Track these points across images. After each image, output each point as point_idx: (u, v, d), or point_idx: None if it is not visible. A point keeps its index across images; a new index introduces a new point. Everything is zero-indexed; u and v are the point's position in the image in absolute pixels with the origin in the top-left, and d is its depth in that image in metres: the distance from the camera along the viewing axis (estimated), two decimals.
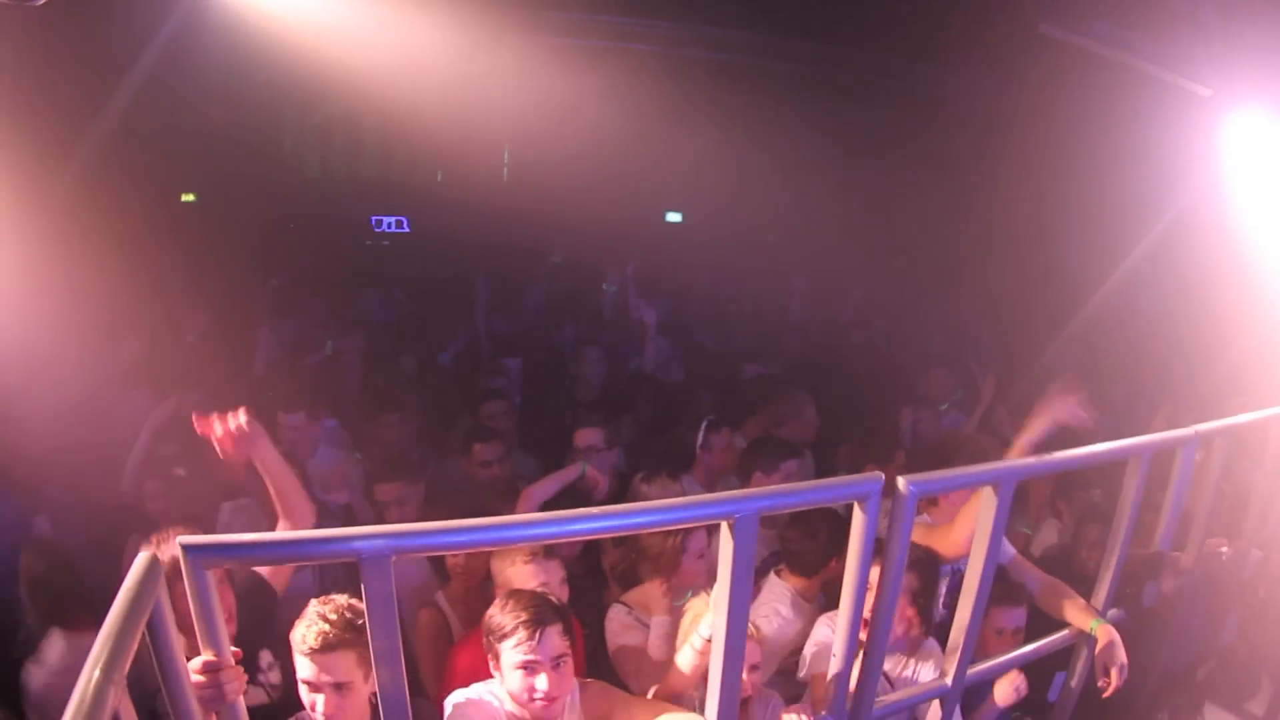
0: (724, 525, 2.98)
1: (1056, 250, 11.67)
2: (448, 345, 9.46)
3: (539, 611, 3.51)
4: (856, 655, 3.44)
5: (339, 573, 4.70)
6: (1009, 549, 4.80)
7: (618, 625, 4.64)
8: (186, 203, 13.80)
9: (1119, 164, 8.63)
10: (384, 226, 15.33)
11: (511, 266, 11.88)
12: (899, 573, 3.43)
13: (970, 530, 3.97)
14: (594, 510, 2.98)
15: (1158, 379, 8.94)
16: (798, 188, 13.84)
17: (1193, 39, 6.16)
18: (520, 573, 4.14)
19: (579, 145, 13.20)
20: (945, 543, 4.51)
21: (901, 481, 3.31)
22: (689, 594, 4.28)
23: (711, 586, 3.24)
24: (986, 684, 4.38)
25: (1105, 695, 4.25)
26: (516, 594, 3.64)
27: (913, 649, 4.43)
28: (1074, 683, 4.63)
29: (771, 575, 4.96)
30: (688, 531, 4.52)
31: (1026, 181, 10.89)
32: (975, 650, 3.96)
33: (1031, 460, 3.94)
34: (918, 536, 4.13)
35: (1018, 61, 7.79)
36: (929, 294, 12.76)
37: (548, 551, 4.19)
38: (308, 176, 14.84)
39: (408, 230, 15.40)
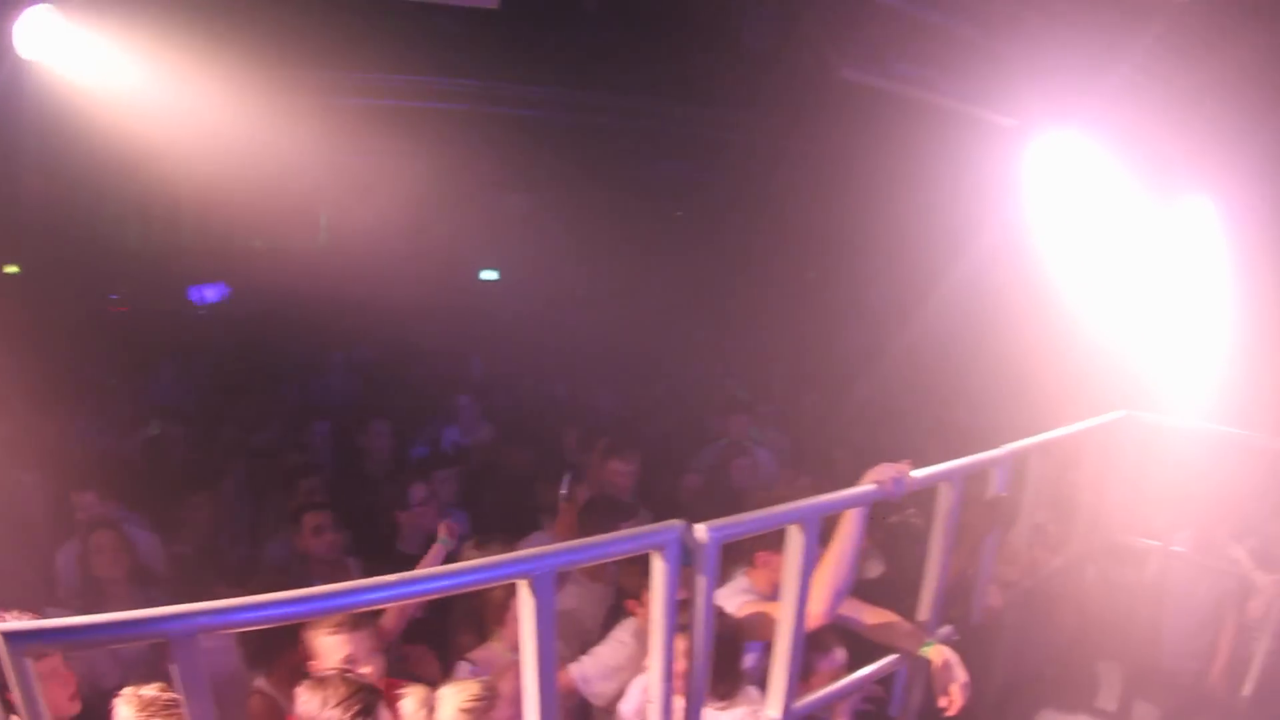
0: (522, 585, 2.97)
1: (874, 285, 11.95)
2: (265, 420, 9.28)
3: (362, 701, 3.48)
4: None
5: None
6: None
7: None
8: (9, 274, 13.50)
9: (932, 197, 8.86)
10: (203, 296, 15.08)
11: (328, 332, 11.82)
12: (707, 624, 3.42)
13: (821, 589, 3.98)
14: (391, 578, 2.88)
15: (973, 403, 9.23)
16: (609, 242, 14.02)
17: (994, 73, 6.39)
18: (326, 644, 4.08)
19: (394, 206, 13.19)
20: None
21: (700, 529, 3.30)
22: None
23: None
24: None
25: (949, 714, 4.30)
26: (329, 681, 3.58)
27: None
28: (912, 703, 4.69)
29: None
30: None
31: (840, 221, 11.17)
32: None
33: (833, 496, 3.96)
34: (753, 611, 4.24)
35: (824, 106, 7.99)
36: (741, 336, 12.96)
37: (355, 622, 4.14)
38: (128, 246, 14.52)
39: (226, 299, 15.15)
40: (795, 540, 3.61)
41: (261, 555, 6.60)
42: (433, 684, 4.11)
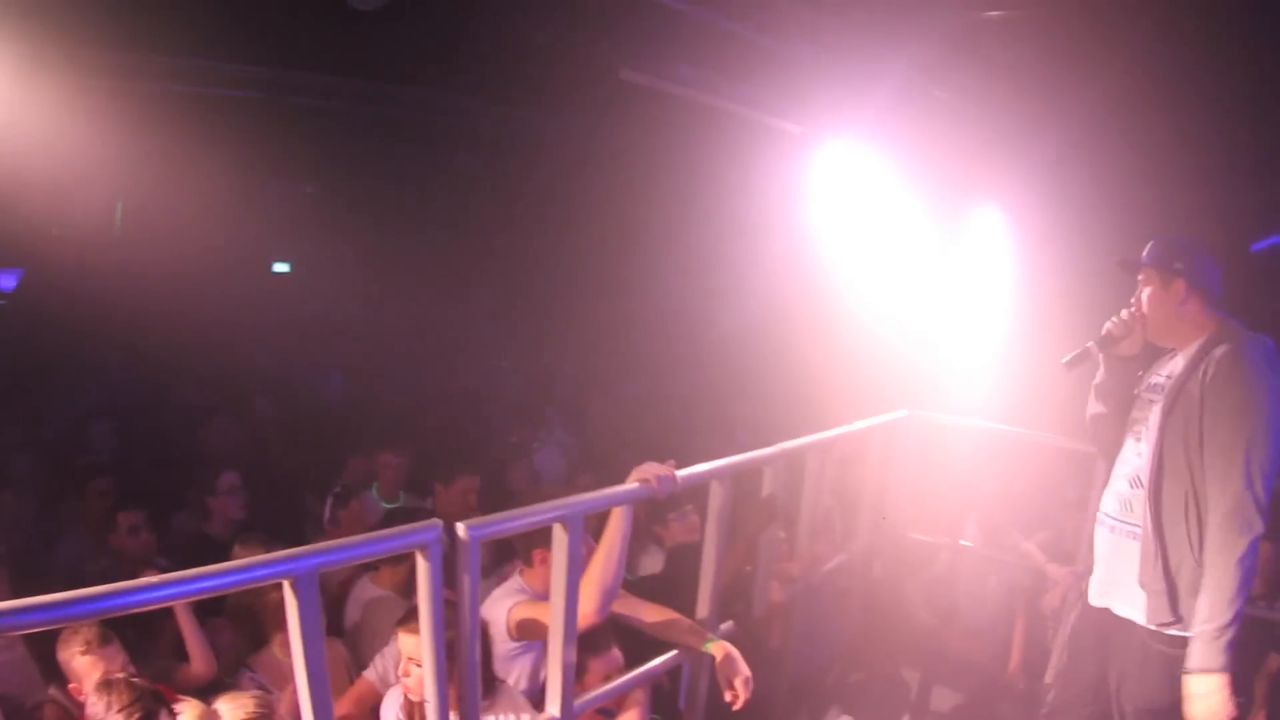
0: (285, 584, 2.90)
1: (655, 283, 12.11)
2: (48, 417, 8.94)
3: (144, 707, 3.45)
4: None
5: None
6: None
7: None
8: None
9: (721, 199, 9.02)
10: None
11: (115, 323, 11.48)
12: (473, 623, 3.41)
13: (590, 588, 3.97)
14: (151, 580, 2.75)
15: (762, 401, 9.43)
16: (399, 237, 14.01)
17: (779, 79, 6.51)
18: (82, 664, 4.02)
19: (191, 196, 12.87)
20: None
21: (461, 528, 3.28)
22: None
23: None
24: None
25: (736, 708, 4.36)
26: (115, 685, 3.53)
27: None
28: (697, 699, 4.74)
29: None
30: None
31: (630, 221, 11.30)
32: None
33: (597, 494, 3.98)
34: (525, 613, 4.18)
35: (610, 106, 8.04)
36: (530, 334, 13.05)
37: (103, 639, 4.04)
38: None
39: (16, 288, 14.61)
40: (560, 538, 3.62)
41: (52, 556, 6.33)
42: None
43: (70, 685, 4.09)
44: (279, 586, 2.94)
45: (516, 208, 13.34)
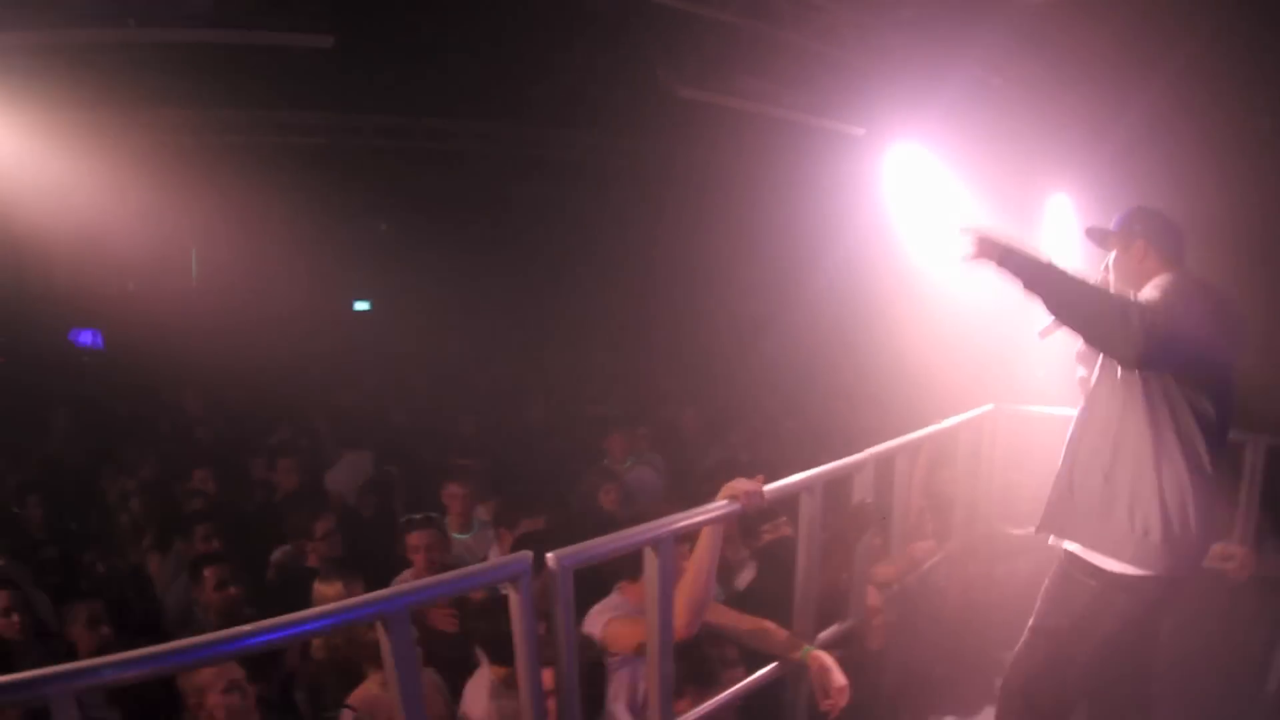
0: (379, 625, 2.94)
1: (733, 294, 12.04)
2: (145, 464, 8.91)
3: None
4: None
5: None
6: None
7: None
8: None
9: (791, 207, 8.99)
10: (83, 341, 14.89)
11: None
12: (569, 653, 3.38)
13: (680, 602, 3.98)
14: (248, 628, 2.78)
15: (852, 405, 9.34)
16: (474, 267, 14.11)
17: (840, 85, 6.50)
18: (204, 676, 4.07)
19: (263, 243, 13.09)
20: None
21: (551, 558, 3.28)
22: None
23: None
24: None
25: (833, 717, 4.35)
26: None
27: None
28: (797, 710, 4.72)
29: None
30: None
31: (697, 235, 11.28)
32: None
33: (687, 515, 3.98)
34: (619, 629, 4.22)
35: (671, 124, 8.06)
36: (613, 356, 13.04)
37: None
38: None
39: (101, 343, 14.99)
40: (651, 562, 3.62)
41: (163, 606, 6.45)
42: None
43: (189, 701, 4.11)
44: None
45: (585, 232, 13.42)
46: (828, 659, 4.39)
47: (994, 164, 6.73)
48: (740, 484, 4.09)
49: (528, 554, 3.26)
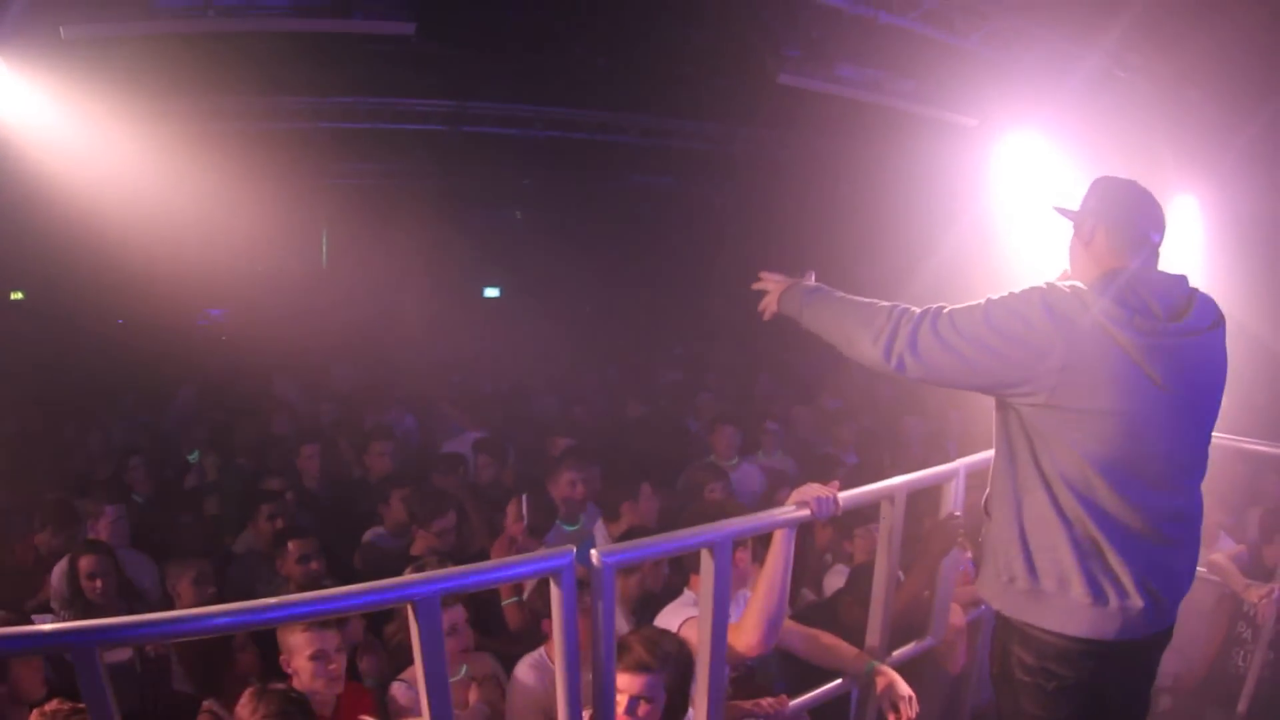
0: (409, 608, 2.90)
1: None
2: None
3: (288, 714, 3.60)
4: None
5: None
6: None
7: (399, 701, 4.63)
8: (15, 300, 13.65)
9: (902, 197, 8.77)
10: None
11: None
12: (608, 654, 3.27)
13: (752, 618, 3.92)
14: (272, 601, 2.84)
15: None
16: (601, 257, 14.08)
17: (950, 73, 6.28)
18: (297, 640, 4.19)
19: (394, 227, 13.23)
20: (737, 638, 4.07)
21: (594, 554, 3.16)
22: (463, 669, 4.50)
23: None
24: None
25: None
26: (266, 694, 3.70)
27: None
28: None
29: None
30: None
31: (811, 225, 11.07)
32: None
33: (752, 518, 3.83)
34: (695, 629, 3.95)
35: (783, 112, 7.92)
36: (726, 348, 12.88)
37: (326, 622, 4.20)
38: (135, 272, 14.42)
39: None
40: (707, 565, 3.45)
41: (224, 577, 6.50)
42: None
43: (281, 657, 4.26)
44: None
45: (701, 226, 13.33)
46: (896, 677, 4.19)
47: (1115, 161, 6.42)
48: (811, 489, 3.88)
49: (571, 548, 3.12)
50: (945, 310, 3.41)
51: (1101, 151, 6.74)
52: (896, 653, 4.54)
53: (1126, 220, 3.49)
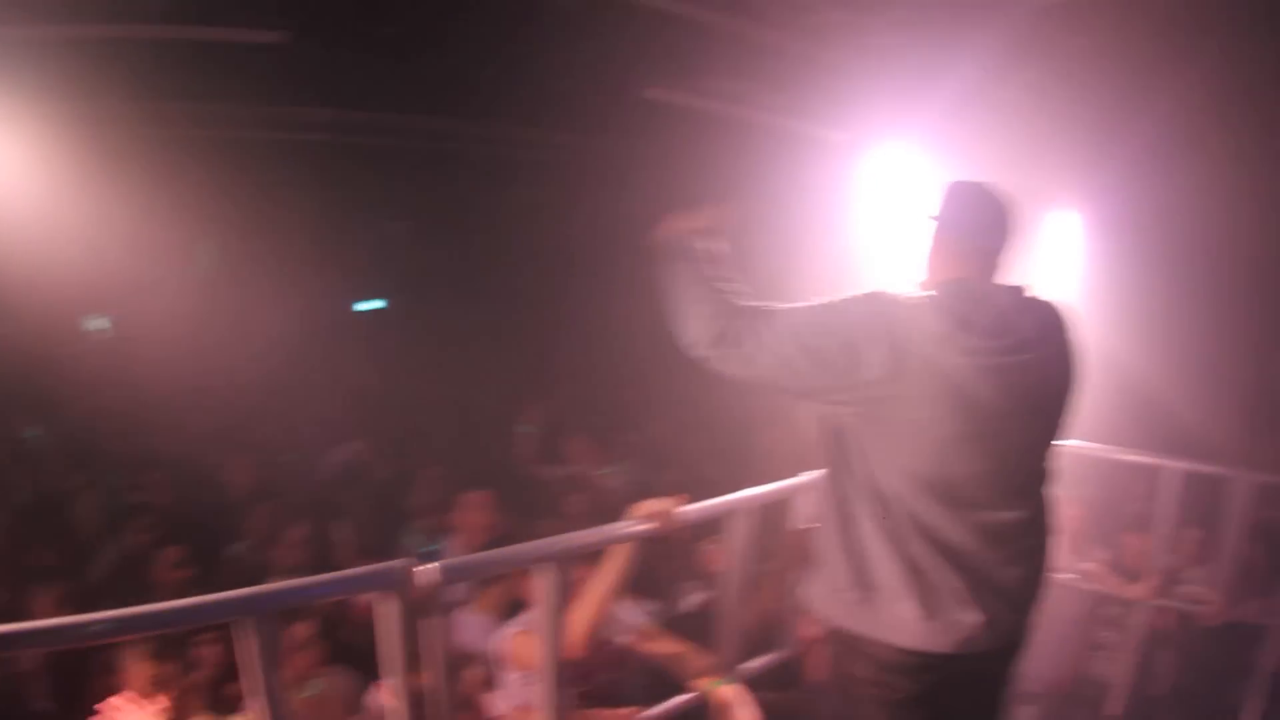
0: (247, 624, 3.01)
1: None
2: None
3: None
4: None
5: None
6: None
7: None
8: None
9: (765, 212, 9.04)
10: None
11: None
12: (444, 676, 3.45)
13: (575, 623, 4.08)
14: (94, 617, 2.88)
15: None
16: (473, 269, 14.29)
17: (819, 87, 6.57)
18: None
19: (273, 241, 13.32)
20: None
21: (423, 571, 3.30)
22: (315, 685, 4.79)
23: None
24: None
25: None
26: None
27: None
28: None
29: None
30: None
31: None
32: None
33: (591, 533, 4.05)
34: (521, 643, 4.31)
35: (647, 124, 8.15)
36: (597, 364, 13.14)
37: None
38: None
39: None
40: (541, 580, 3.63)
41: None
42: None
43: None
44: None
45: (562, 236, 13.53)
46: (734, 694, 4.45)
47: (996, 174, 6.77)
48: (654, 503, 4.11)
49: (411, 560, 3.30)
50: (777, 308, 3.47)
51: (982, 165, 7.04)
52: (748, 664, 4.79)
53: (960, 227, 3.56)
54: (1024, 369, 3.39)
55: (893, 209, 6.67)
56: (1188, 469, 6.29)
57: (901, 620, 3.42)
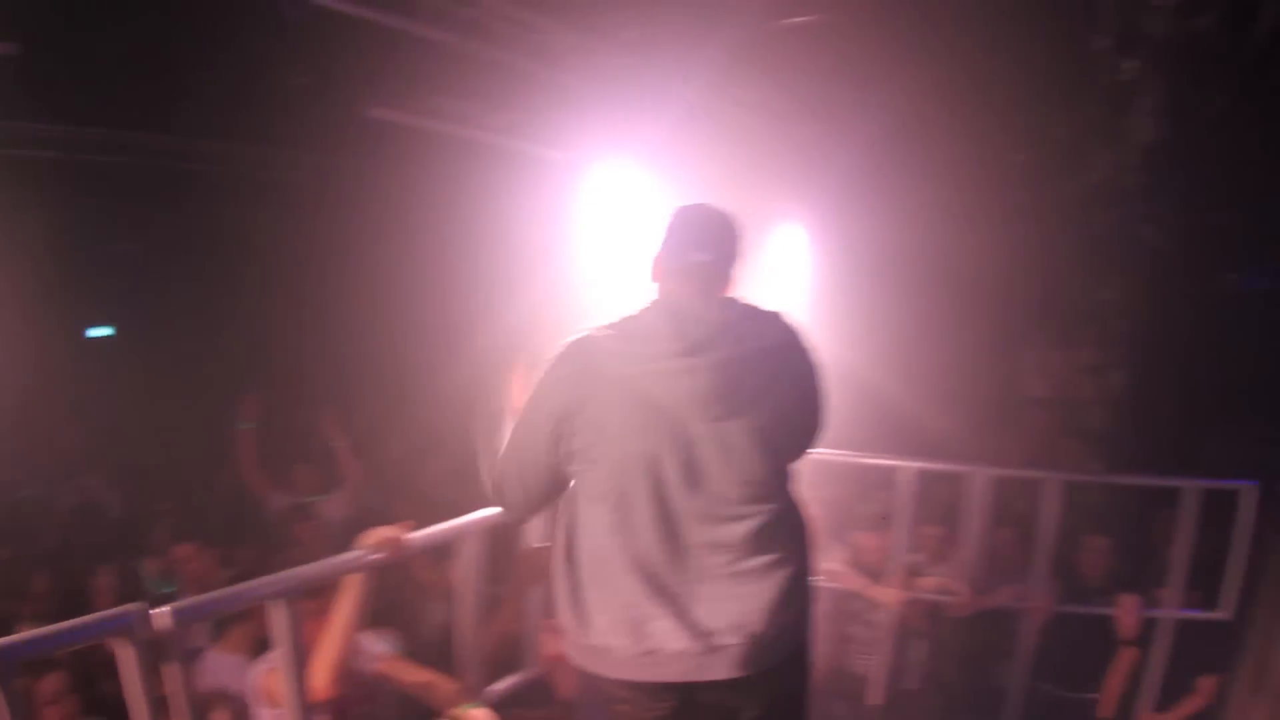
0: None
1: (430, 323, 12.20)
2: None
3: None
4: None
5: None
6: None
7: None
8: None
9: (484, 231, 9.15)
10: None
11: None
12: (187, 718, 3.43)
13: (319, 661, 4.13)
14: None
15: None
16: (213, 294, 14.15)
17: (543, 106, 6.75)
18: None
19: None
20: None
21: (159, 614, 3.28)
22: None
23: None
24: None
25: None
26: None
27: None
28: None
29: None
30: None
31: (395, 263, 11.50)
32: None
33: (322, 564, 4.09)
34: (273, 679, 4.19)
35: (361, 144, 8.21)
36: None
37: None
38: None
39: None
40: (277, 615, 3.68)
41: None
42: None
43: None
44: None
45: (302, 258, 13.42)
46: (486, 715, 4.55)
47: (715, 192, 7.08)
48: (381, 532, 4.20)
49: (144, 604, 3.28)
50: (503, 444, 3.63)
51: (707, 183, 7.31)
52: (495, 687, 4.93)
53: (670, 245, 3.62)
54: (732, 378, 3.38)
55: (615, 228, 6.84)
56: (922, 467, 6.69)
57: (610, 653, 3.45)
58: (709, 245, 3.59)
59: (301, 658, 3.86)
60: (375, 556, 4.16)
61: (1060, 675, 6.98)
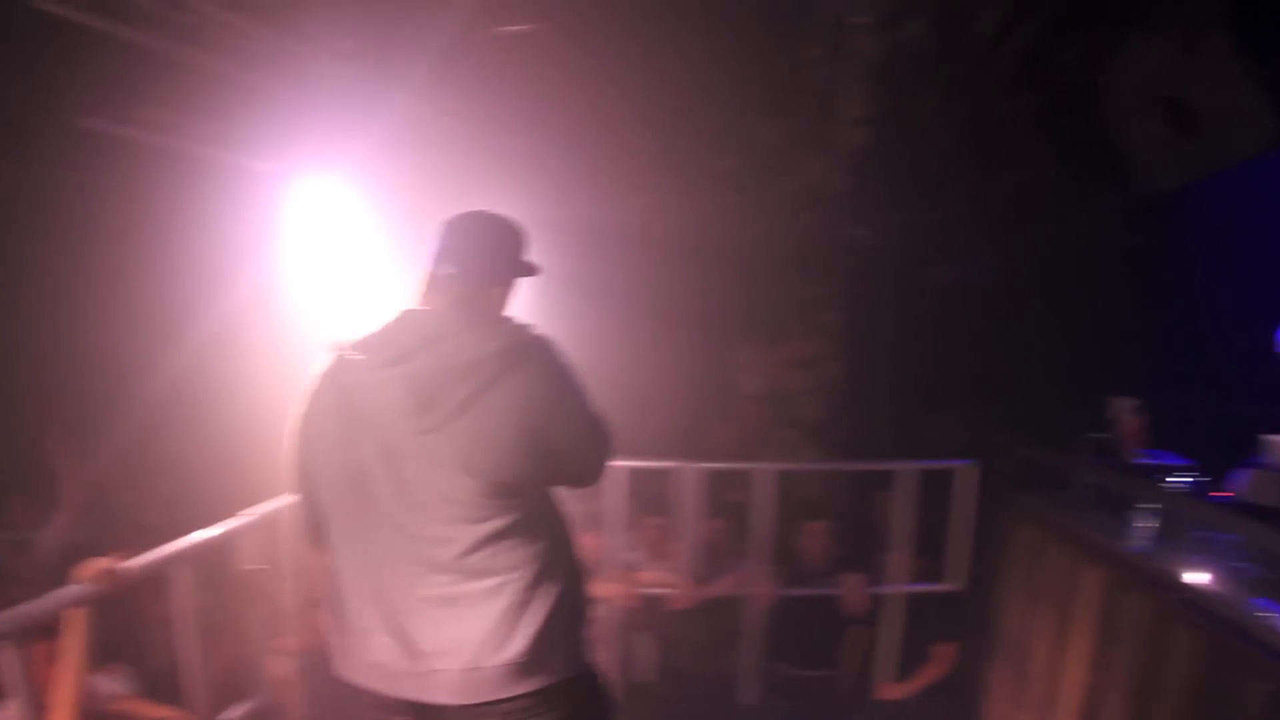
0: None
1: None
2: None
3: None
4: None
5: None
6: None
7: None
8: None
9: (186, 243, 9.05)
10: None
11: None
12: None
13: (57, 704, 4.08)
14: None
15: None
16: None
17: (252, 116, 6.74)
18: None
19: None
20: None
21: None
22: None
23: None
24: None
25: None
26: None
27: None
28: None
29: None
30: None
31: (84, 276, 11.32)
32: None
33: (37, 603, 3.99)
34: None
35: (70, 153, 8.07)
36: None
37: None
38: None
39: None
40: (7, 662, 3.64)
41: None
42: None
43: None
44: None
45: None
46: None
47: (437, 201, 7.19)
48: (97, 563, 4.18)
49: None
50: None
51: (421, 193, 7.40)
52: (225, 715, 4.97)
53: (429, 255, 3.53)
54: (393, 382, 3.27)
55: (322, 240, 6.88)
56: (632, 466, 6.89)
57: (352, 657, 3.45)
58: (457, 258, 3.48)
59: (39, 706, 3.84)
60: (92, 589, 4.14)
61: (794, 656, 7.41)
